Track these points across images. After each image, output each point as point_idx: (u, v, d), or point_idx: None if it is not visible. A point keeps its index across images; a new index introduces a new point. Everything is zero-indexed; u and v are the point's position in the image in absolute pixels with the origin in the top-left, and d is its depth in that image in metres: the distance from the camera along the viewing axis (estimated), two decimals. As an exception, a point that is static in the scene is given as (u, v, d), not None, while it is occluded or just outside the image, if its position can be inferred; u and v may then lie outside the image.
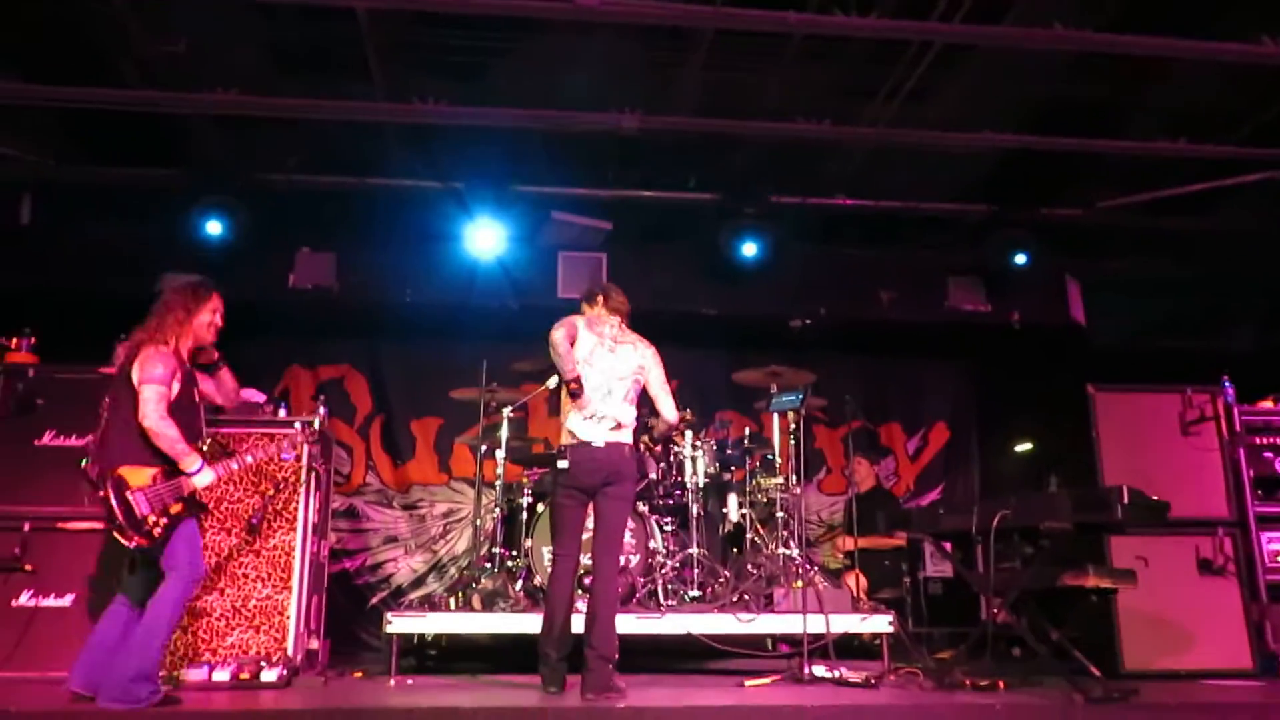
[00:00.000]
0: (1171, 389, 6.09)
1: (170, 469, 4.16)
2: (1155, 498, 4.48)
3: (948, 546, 5.32)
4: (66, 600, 5.18)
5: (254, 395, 5.62)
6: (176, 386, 4.22)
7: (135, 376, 4.15)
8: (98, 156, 7.05)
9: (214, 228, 6.83)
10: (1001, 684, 4.70)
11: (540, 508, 5.97)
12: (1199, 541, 5.80)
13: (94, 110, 6.36)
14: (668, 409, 4.91)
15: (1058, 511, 4.47)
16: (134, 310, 6.87)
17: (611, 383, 4.68)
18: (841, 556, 7.21)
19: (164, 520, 4.09)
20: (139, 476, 4.09)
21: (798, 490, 6.24)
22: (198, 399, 4.40)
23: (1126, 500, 4.31)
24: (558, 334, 4.60)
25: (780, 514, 6.11)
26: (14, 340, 5.79)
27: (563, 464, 4.62)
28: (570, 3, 5.35)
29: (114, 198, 7.30)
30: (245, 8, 5.64)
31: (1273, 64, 5.77)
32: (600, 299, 4.93)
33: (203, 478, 4.22)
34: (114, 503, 4.04)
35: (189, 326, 4.35)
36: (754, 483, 6.34)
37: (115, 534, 4.06)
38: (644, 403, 4.97)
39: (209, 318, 4.43)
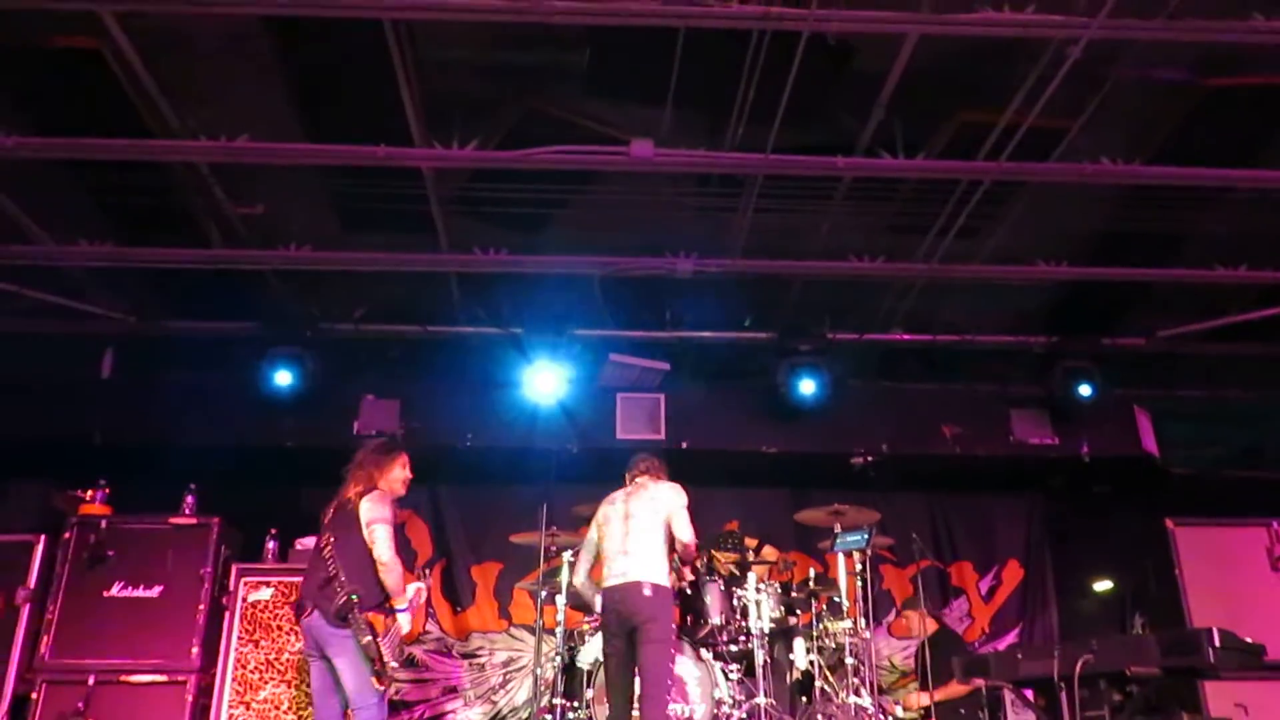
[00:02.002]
0: (1256, 522, 5.85)
1: (387, 611, 4.35)
2: (1249, 639, 4.23)
3: (1029, 694, 5.05)
4: (127, 755, 5.14)
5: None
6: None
7: (365, 517, 4.41)
8: (176, 311, 7.40)
9: (283, 378, 7.01)
10: (1098, 847, 4.37)
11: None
12: (1302, 687, 5.44)
13: (177, 269, 6.72)
14: (682, 529, 4.84)
15: (1145, 655, 4.23)
16: (205, 458, 7.08)
17: (629, 529, 4.74)
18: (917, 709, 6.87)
19: (397, 664, 4.34)
20: (379, 623, 4.28)
21: (867, 634, 6.01)
22: None
23: (1218, 643, 4.07)
24: None
25: (850, 660, 5.87)
26: (89, 492, 5.95)
27: (599, 608, 4.60)
28: (625, 155, 5.57)
29: (189, 350, 7.60)
30: (318, 171, 5.97)
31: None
32: (627, 478, 5.16)
33: (405, 618, 4.43)
34: (375, 650, 4.21)
35: (390, 482, 4.66)
36: (821, 627, 6.11)
37: (374, 677, 4.20)
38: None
39: (403, 474, 4.74)
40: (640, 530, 4.68)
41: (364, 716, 4.21)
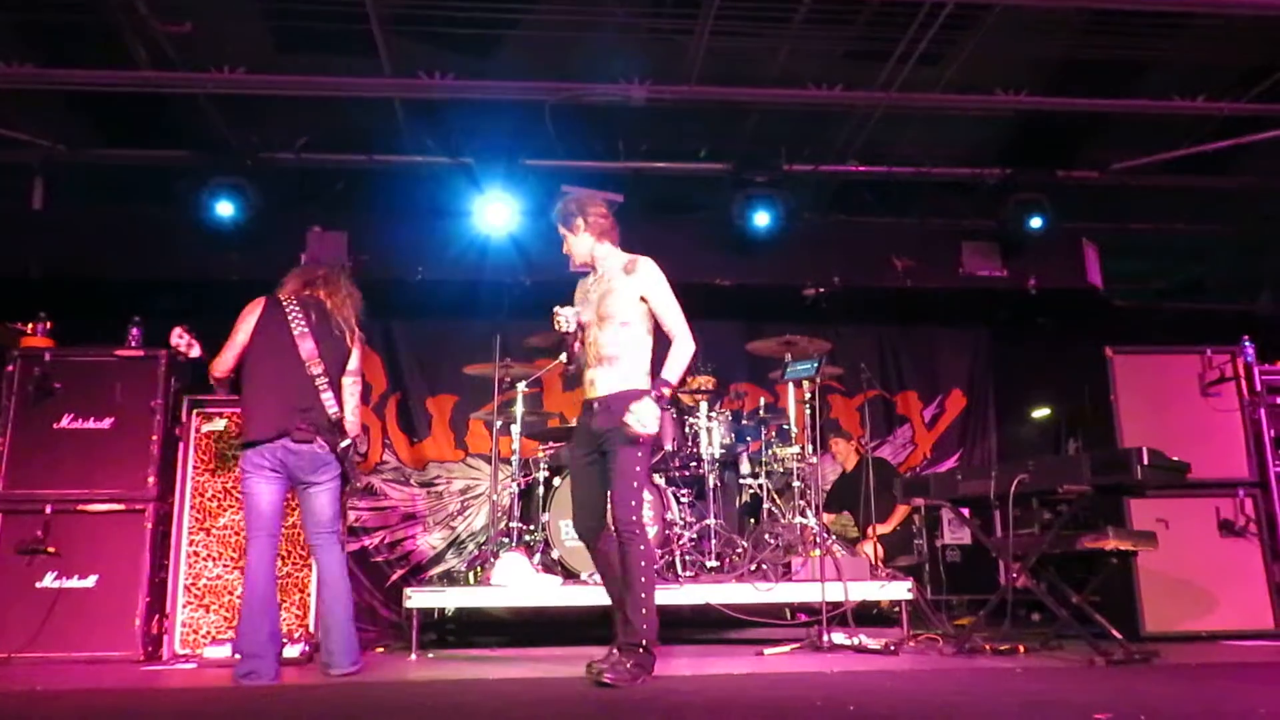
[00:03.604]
0: (1191, 350, 6.02)
1: None
2: (1175, 458, 4.44)
3: (966, 513, 5.29)
4: (90, 581, 5.22)
5: (269, 375, 5.63)
6: None
7: (354, 366, 4.68)
8: (108, 139, 7.07)
9: (225, 208, 6.80)
10: (1021, 648, 4.69)
11: (556, 482, 5.98)
12: (1219, 503, 5.76)
13: (104, 93, 6.38)
14: None
15: (1076, 474, 4.43)
16: (148, 292, 6.92)
17: None
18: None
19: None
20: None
21: (813, 460, 6.22)
22: None
23: (1146, 461, 4.27)
24: None
25: (797, 483, 6.10)
26: (30, 325, 5.82)
27: None
28: (576, -30, 5.29)
29: (125, 180, 7.31)
30: (249, -14, 5.61)
31: (1292, 17, 5.66)
32: None
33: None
34: (354, 459, 4.43)
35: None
36: (770, 453, 6.32)
37: (345, 492, 4.51)
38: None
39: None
40: None
41: (337, 540, 4.43)
